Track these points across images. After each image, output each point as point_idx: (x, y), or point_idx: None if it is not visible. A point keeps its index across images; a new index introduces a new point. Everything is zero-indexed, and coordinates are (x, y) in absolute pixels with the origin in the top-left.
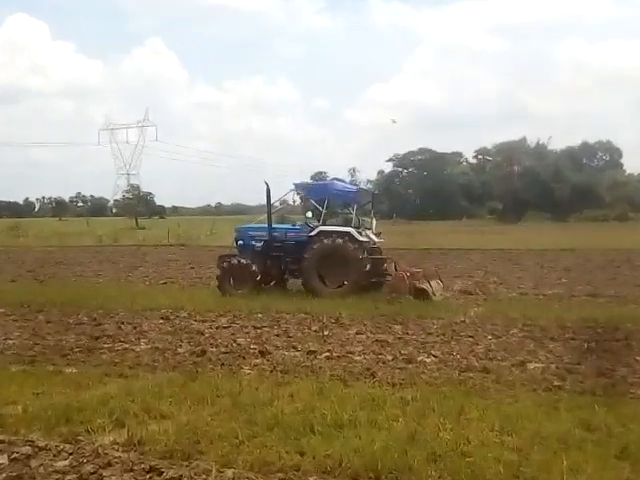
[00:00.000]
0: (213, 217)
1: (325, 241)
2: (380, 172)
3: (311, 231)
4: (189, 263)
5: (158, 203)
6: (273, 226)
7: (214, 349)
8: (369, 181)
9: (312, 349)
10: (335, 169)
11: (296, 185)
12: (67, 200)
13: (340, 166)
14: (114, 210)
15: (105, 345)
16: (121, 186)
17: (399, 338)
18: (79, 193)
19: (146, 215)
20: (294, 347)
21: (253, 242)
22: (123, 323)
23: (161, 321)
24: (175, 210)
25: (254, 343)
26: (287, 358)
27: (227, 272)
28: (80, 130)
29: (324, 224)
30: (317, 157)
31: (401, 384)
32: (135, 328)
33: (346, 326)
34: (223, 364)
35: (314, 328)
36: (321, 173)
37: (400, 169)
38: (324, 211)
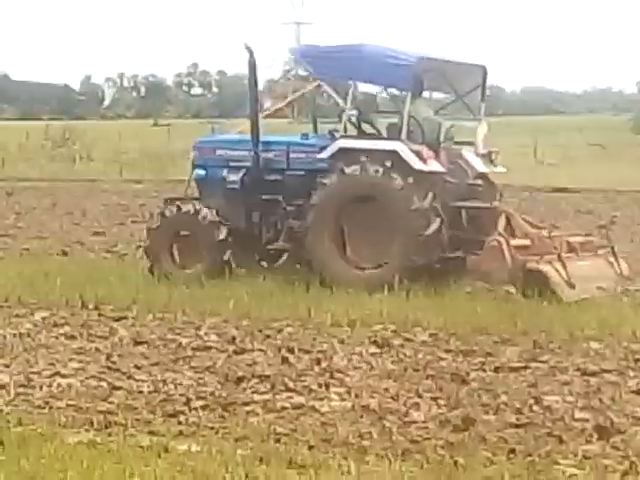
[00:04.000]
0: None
1: (347, 171)
2: None
3: (323, 149)
4: None
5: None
6: (264, 138)
7: (490, 416)
8: None
9: None
10: None
11: (295, 51)
12: (170, 82)
13: None
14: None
15: (255, 395)
16: (282, 52)
17: None
18: (194, 66)
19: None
20: None
21: (224, 172)
22: (292, 351)
23: (374, 350)
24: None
25: (583, 408)
26: None
27: (167, 232)
28: None
29: (348, 135)
30: None
31: None
32: (318, 363)
33: None
34: (513, 450)
35: None
36: None
37: None
38: (347, 108)
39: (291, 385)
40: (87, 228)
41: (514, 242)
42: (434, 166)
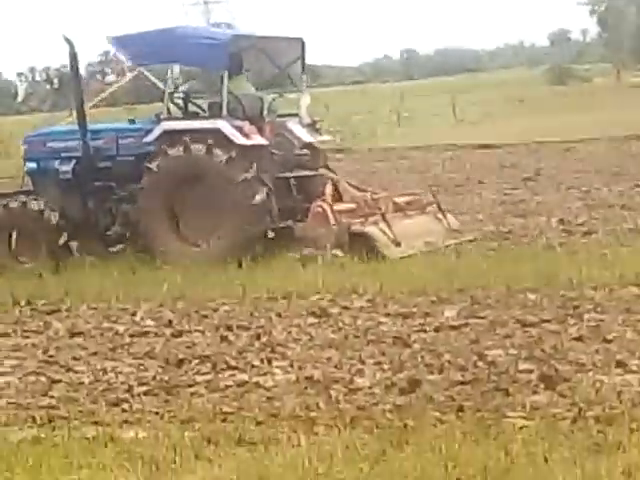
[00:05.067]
0: (403, 84)
1: (171, 152)
2: None
3: (149, 133)
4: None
5: None
6: (93, 127)
7: (436, 376)
8: None
9: None
10: None
11: (112, 40)
12: (83, 72)
13: None
14: None
15: (198, 376)
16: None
17: None
18: (106, 54)
19: None
20: (621, 364)
21: (56, 163)
22: (230, 329)
23: (312, 320)
24: (315, 76)
25: (526, 359)
26: (610, 389)
27: (3, 227)
28: None
29: (172, 117)
30: None
31: None
32: (258, 338)
33: None
34: (461, 408)
35: None
36: None
37: None
38: (169, 90)
39: (233, 363)
40: None
41: (338, 206)
42: (257, 140)
